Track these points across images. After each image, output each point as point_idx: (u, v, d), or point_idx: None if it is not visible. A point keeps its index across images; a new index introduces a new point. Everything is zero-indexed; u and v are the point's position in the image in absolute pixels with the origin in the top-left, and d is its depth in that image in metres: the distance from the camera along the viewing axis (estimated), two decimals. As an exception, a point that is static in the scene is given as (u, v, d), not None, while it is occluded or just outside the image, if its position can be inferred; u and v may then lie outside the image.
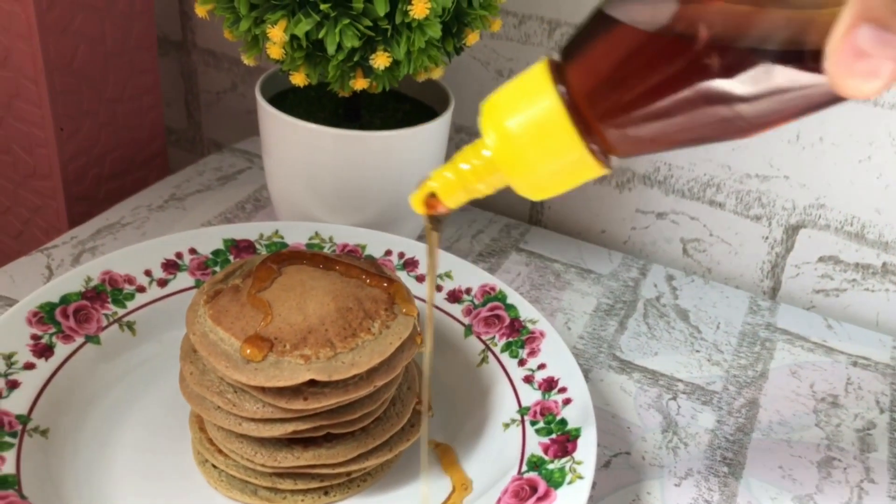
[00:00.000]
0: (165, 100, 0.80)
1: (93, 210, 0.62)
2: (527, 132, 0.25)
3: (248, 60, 0.46)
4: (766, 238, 0.57)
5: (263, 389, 0.35)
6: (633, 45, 0.24)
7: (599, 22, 0.24)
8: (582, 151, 0.25)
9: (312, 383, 0.35)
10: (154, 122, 0.66)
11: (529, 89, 0.25)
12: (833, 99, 0.22)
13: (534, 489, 0.36)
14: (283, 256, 0.40)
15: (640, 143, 0.25)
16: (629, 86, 0.24)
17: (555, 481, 0.36)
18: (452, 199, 0.29)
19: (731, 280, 0.60)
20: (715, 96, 0.23)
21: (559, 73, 0.25)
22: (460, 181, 0.28)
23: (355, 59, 0.43)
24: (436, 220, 0.30)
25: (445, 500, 0.38)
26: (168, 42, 0.76)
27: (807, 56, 0.21)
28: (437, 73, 0.48)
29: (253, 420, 0.36)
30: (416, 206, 0.29)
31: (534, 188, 0.27)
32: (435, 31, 0.43)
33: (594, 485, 0.41)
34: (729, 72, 0.22)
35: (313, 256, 0.40)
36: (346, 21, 0.41)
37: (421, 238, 0.58)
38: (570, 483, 0.36)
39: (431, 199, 0.29)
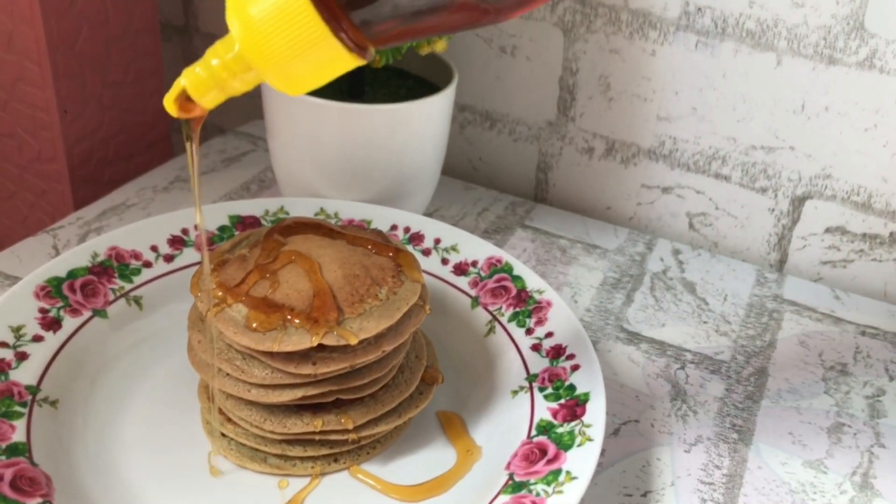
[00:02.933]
0: (169, 86, 0.80)
1: (98, 194, 0.62)
2: (270, 20, 0.23)
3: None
4: (773, 210, 0.57)
5: (272, 355, 0.35)
6: None
7: None
8: (332, 42, 0.23)
9: (321, 348, 0.35)
10: (158, 106, 0.66)
11: None
12: None
13: (543, 452, 0.36)
14: (289, 227, 0.40)
15: (388, 32, 0.24)
16: None
17: (564, 444, 0.36)
18: (206, 99, 0.27)
19: (738, 254, 0.60)
20: None
21: None
22: (212, 78, 0.26)
23: (359, 29, 0.43)
24: (190, 126, 0.28)
25: (452, 468, 0.38)
26: (171, 27, 0.76)
27: None
28: (440, 46, 0.48)
29: (262, 386, 0.36)
30: (168, 107, 0.27)
31: (287, 82, 0.25)
32: (438, 1, 0.43)
33: (603, 451, 0.41)
34: None
35: (319, 226, 0.40)
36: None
37: (426, 214, 0.59)
38: (579, 445, 0.36)
39: (186, 100, 0.27)
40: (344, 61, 0.24)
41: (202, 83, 0.26)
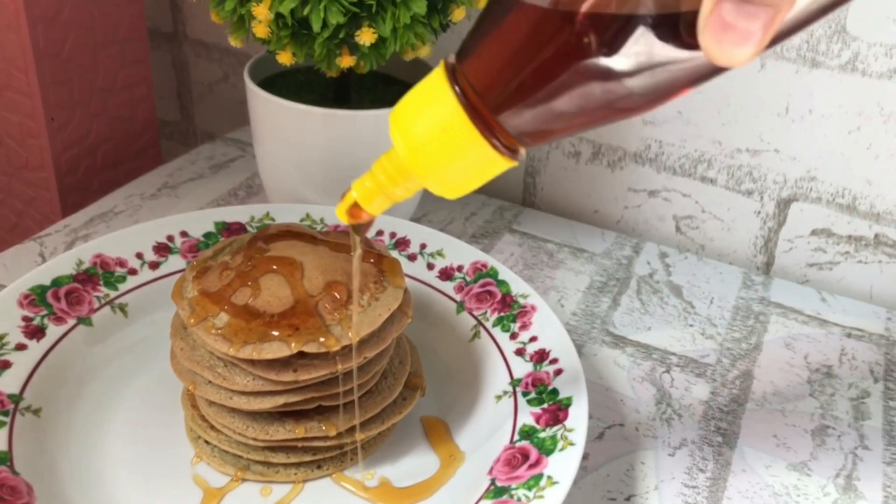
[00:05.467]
0: (158, 93, 0.80)
1: (86, 201, 0.62)
2: (431, 137, 0.26)
3: (234, 42, 0.46)
4: (759, 213, 0.57)
5: (253, 362, 0.35)
6: (514, 33, 0.24)
7: (483, 19, 0.25)
8: (485, 149, 0.26)
9: (302, 355, 0.35)
10: (146, 114, 0.66)
11: (430, 94, 0.26)
12: (714, 69, 0.23)
13: (525, 457, 0.36)
14: (272, 234, 0.40)
15: (538, 132, 0.25)
16: (514, 75, 0.24)
17: (546, 449, 0.36)
18: (374, 207, 0.30)
19: (725, 256, 0.60)
20: (598, 74, 0.23)
21: (455, 74, 0.25)
22: (379, 189, 0.29)
23: (341, 35, 0.43)
24: (359, 227, 0.32)
25: (435, 473, 0.38)
26: (159, 34, 0.76)
27: (681, 30, 0.22)
28: (424, 52, 0.48)
29: (244, 393, 0.36)
30: (340, 216, 0.30)
31: (447, 188, 0.27)
32: (420, 7, 0.43)
33: (587, 455, 0.41)
34: (608, 48, 0.22)
35: (302, 233, 0.40)
36: (331, -2, 0.41)
37: (414, 219, 0.59)
38: (561, 450, 0.36)
39: (355, 208, 0.30)
40: (497, 164, 0.26)
41: (370, 193, 0.29)
